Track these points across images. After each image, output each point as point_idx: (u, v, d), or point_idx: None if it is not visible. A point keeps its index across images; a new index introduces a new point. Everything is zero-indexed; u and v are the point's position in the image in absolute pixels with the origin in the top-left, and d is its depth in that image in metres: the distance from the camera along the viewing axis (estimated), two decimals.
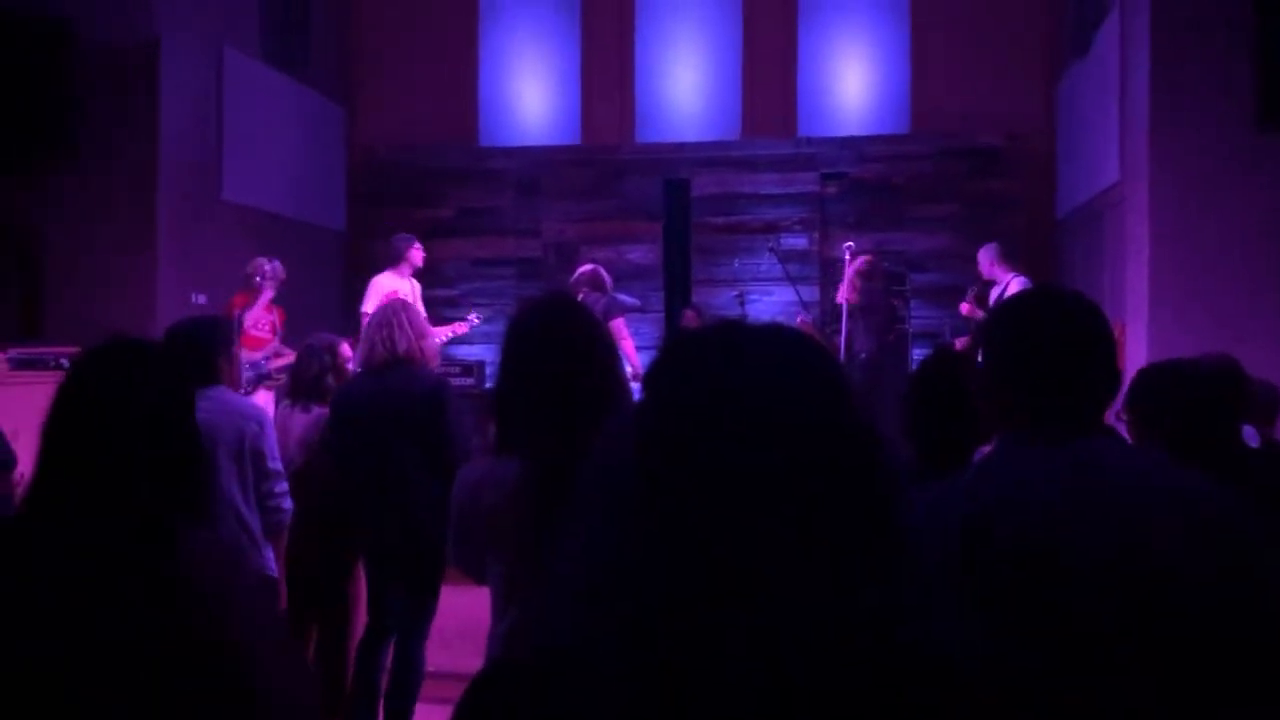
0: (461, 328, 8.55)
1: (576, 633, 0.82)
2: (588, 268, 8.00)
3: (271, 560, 3.75)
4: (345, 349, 4.59)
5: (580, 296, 7.55)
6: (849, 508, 0.79)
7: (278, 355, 7.16)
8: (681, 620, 0.76)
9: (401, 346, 4.13)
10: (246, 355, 5.90)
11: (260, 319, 7.38)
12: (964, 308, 8.12)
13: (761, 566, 0.76)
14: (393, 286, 7.84)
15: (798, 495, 0.79)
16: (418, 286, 8.21)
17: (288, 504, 3.81)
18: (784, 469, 0.79)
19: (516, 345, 2.17)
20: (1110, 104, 7.93)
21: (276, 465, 3.78)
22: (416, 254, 8.07)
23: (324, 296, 10.40)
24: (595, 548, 0.82)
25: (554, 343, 2.13)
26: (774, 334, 0.90)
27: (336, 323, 9.50)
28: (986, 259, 8.07)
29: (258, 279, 7.37)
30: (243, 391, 4.60)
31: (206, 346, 3.72)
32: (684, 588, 0.77)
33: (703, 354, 0.88)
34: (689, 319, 9.42)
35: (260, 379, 6.70)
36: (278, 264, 7.50)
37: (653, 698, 0.76)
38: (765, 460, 0.79)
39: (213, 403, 3.62)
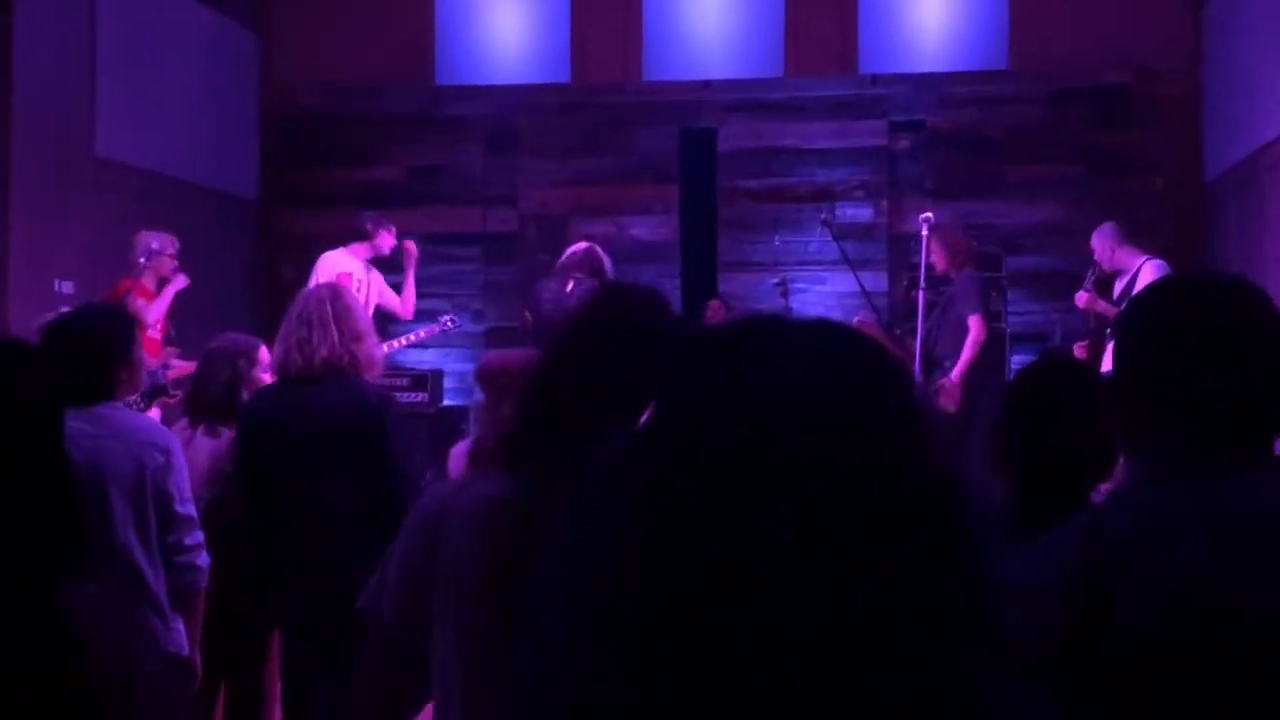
0: (428, 331, 8.59)
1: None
2: (581, 246, 8.03)
3: (182, 633, 3.75)
4: (264, 354, 4.61)
5: (570, 285, 7.58)
6: (900, 533, 0.96)
7: (168, 365, 7.18)
8: (681, 621, 0.93)
9: (323, 351, 4.13)
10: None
11: (159, 316, 7.40)
12: (1081, 298, 8.12)
13: (764, 567, 0.93)
14: (345, 267, 7.94)
15: (837, 508, 0.95)
16: (377, 276, 8.42)
17: (202, 560, 3.80)
18: (820, 480, 0.95)
19: (579, 333, 2.26)
20: (1274, 32, 7.92)
21: (188, 509, 3.76)
22: (385, 239, 8.36)
23: (230, 284, 10.41)
24: (593, 548, 0.99)
25: (621, 332, 2.20)
26: (815, 329, 1.03)
27: (246, 319, 9.51)
28: (1105, 243, 8.07)
29: (142, 260, 7.40)
30: (135, 408, 4.63)
31: (103, 348, 3.70)
32: (684, 589, 0.94)
33: (721, 350, 1.02)
34: (715, 313, 9.43)
35: (155, 394, 6.73)
36: (168, 238, 7.53)
37: (653, 698, 0.93)
38: (792, 469, 0.95)
39: (104, 424, 3.61)
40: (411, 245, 8.52)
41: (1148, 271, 7.85)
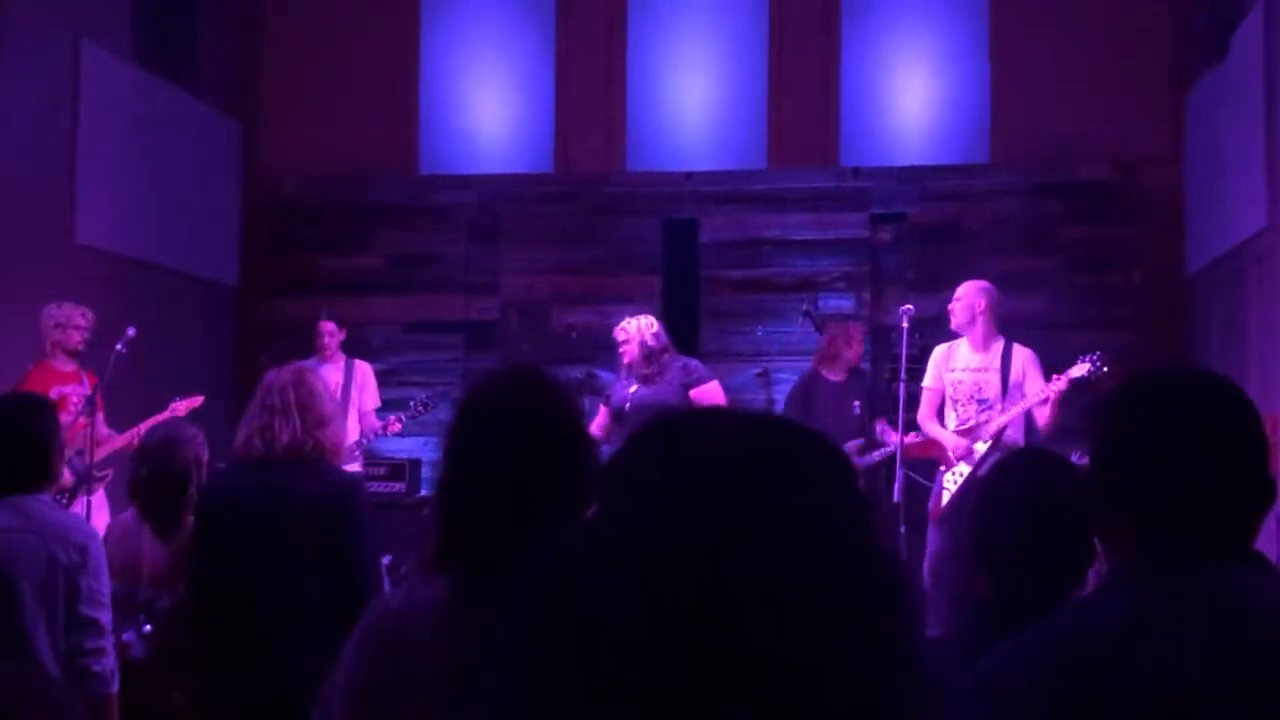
0: (401, 421, 8.57)
1: None
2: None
3: None
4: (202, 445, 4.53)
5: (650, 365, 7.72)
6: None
7: (99, 442, 6.92)
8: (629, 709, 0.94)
9: (284, 439, 4.00)
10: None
11: (71, 396, 7.17)
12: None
13: (710, 659, 0.94)
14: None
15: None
16: (362, 370, 8.62)
17: (101, 665, 3.65)
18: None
19: (471, 419, 2.25)
20: (1254, 126, 7.96)
21: (94, 612, 3.63)
22: (321, 341, 8.55)
23: (210, 372, 10.34)
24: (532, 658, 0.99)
25: (522, 420, 2.21)
26: (753, 422, 1.05)
27: (225, 407, 9.43)
28: (983, 301, 7.38)
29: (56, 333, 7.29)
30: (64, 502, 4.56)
31: (38, 435, 3.64)
32: (632, 677, 0.94)
33: (659, 445, 1.02)
34: None
35: (81, 482, 6.52)
36: (67, 308, 7.40)
37: None
38: (729, 561, 0.95)
39: (24, 517, 3.55)
40: (396, 423, 8.57)
41: (1020, 355, 7.32)
